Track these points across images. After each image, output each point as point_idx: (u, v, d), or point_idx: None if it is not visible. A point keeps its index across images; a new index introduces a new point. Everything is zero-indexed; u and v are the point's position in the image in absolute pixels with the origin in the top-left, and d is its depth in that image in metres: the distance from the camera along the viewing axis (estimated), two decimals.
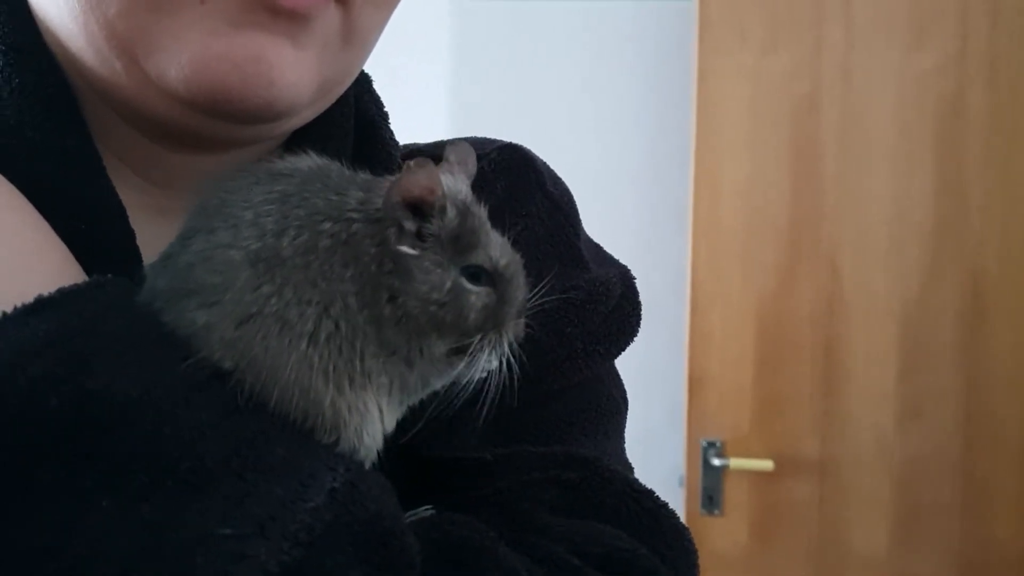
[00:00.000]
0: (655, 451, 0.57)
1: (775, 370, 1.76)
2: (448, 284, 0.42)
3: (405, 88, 0.62)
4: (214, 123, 0.46)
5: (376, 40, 0.52)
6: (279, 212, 0.40)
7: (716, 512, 1.77)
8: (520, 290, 0.46)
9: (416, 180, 0.41)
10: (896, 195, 1.73)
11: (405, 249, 0.41)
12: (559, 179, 0.64)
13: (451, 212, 0.43)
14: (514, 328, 0.46)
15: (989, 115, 1.70)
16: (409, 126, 0.64)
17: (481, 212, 0.45)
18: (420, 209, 0.42)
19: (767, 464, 1.73)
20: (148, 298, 0.39)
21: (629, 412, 0.62)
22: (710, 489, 1.77)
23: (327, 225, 0.40)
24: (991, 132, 1.70)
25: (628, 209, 1.96)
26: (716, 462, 1.74)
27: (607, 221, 0.65)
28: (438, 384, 0.46)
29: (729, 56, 1.75)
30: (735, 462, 1.74)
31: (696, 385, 1.77)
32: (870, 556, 1.74)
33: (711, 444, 1.76)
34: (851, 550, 1.75)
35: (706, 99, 1.76)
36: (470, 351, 0.44)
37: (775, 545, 1.76)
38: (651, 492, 0.51)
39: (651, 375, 0.65)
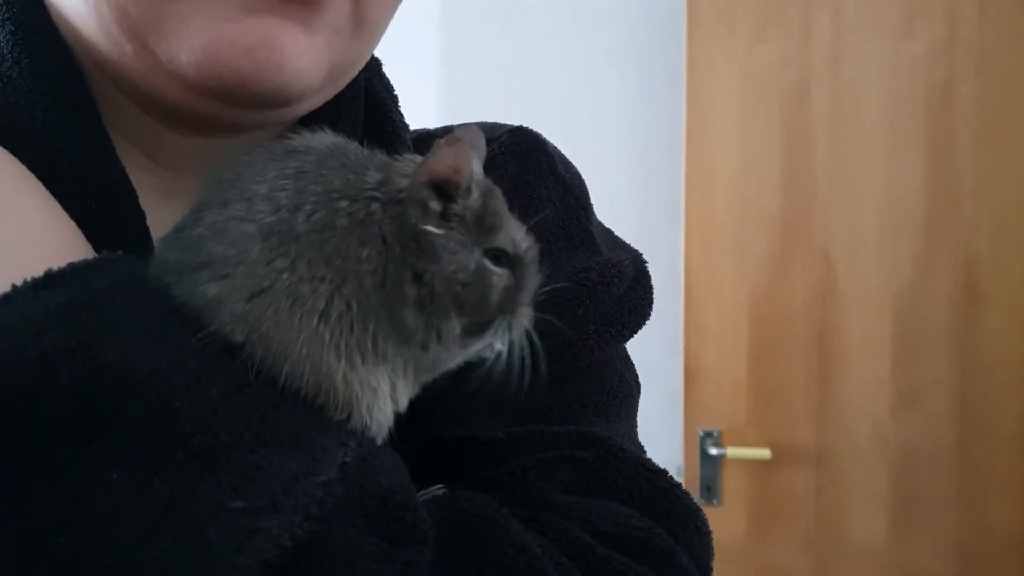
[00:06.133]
0: (652, 441, 0.56)
1: (770, 360, 1.76)
2: (473, 265, 0.42)
3: (395, 80, 0.61)
4: (224, 107, 0.46)
5: (386, 26, 0.52)
6: (294, 188, 0.39)
7: (714, 502, 1.77)
8: (535, 277, 0.46)
9: (443, 160, 0.41)
10: (887, 183, 1.73)
11: (430, 228, 0.41)
12: (570, 163, 0.63)
13: (475, 193, 0.42)
14: (524, 314, 0.46)
15: (979, 102, 1.71)
16: None
17: (501, 195, 0.45)
18: (445, 190, 0.42)
19: (764, 453, 1.73)
20: (159, 271, 0.38)
21: None
22: (707, 479, 1.76)
23: (344, 204, 0.40)
24: (981, 119, 1.71)
25: (621, 201, 1.96)
26: (713, 452, 1.74)
27: (600, 214, 0.65)
28: (450, 364, 0.46)
29: (719, 46, 1.75)
30: (732, 451, 1.74)
31: (692, 375, 1.77)
32: (867, 544, 1.74)
33: (708, 434, 1.76)
34: (848, 538, 1.75)
35: (697, 89, 1.76)
36: (488, 331, 0.44)
37: (773, 534, 1.76)
38: (664, 472, 0.50)
39: (647, 366, 0.65)
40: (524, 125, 0.62)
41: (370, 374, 0.40)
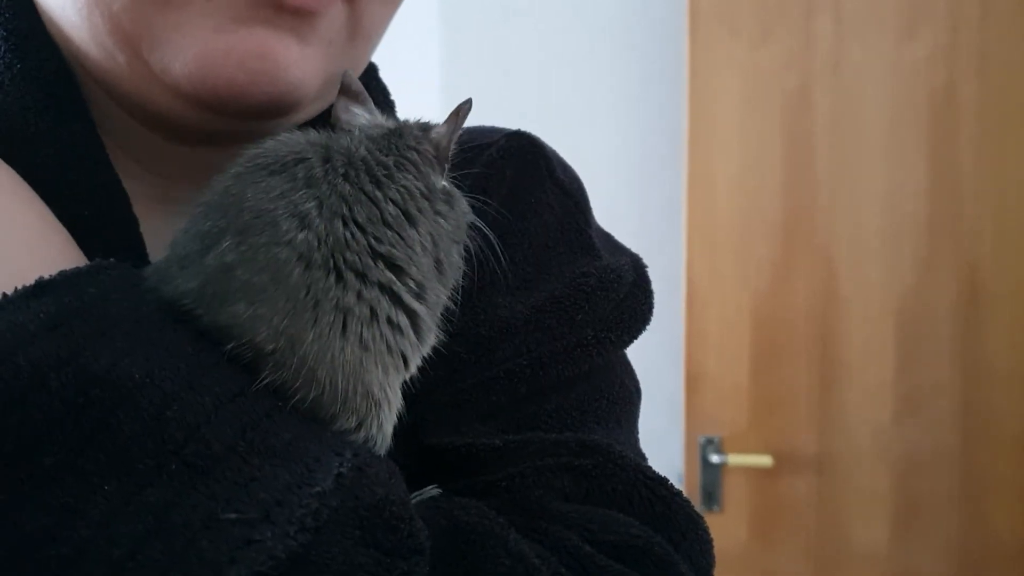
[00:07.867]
0: (653, 448, 0.56)
1: (772, 366, 1.75)
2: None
3: (395, 83, 0.61)
4: (217, 118, 0.45)
5: (383, 34, 0.52)
6: (313, 196, 0.38)
7: (715, 509, 1.76)
8: None
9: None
10: (889, 187, 1.73)
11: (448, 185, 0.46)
12: (568, 166, 0.63)
13: None
14: None
15: (981, 106, 1.70)
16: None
17: None
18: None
19: (766, 460, 1.73)
20: (175, 298, 0.37)
21: None
22: (709, 486, 1.75)
23: (380, 193, 0.40)
24: (983, 123, 1.70)
25: (622, 206, 1.95)
26: (715, 459, 1.73)
27: (601, 218, 0.64)
28: None
29: (720, 49, 1.75)
30: (733, 458, 1.73)
31: (693, 382, 1.76)
32: (869, 550, 1.74)
33: (709, 441, 1.75)
34: (850, 545, 1.74)
35: (698, 93, 1.75)
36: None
37: (774, 541, 1.76)
38: (664, 479, 0.50)
39: (648, 372, 0.64)
40: (522, 129, 0.62)
41: (394, 382, 0.40)
